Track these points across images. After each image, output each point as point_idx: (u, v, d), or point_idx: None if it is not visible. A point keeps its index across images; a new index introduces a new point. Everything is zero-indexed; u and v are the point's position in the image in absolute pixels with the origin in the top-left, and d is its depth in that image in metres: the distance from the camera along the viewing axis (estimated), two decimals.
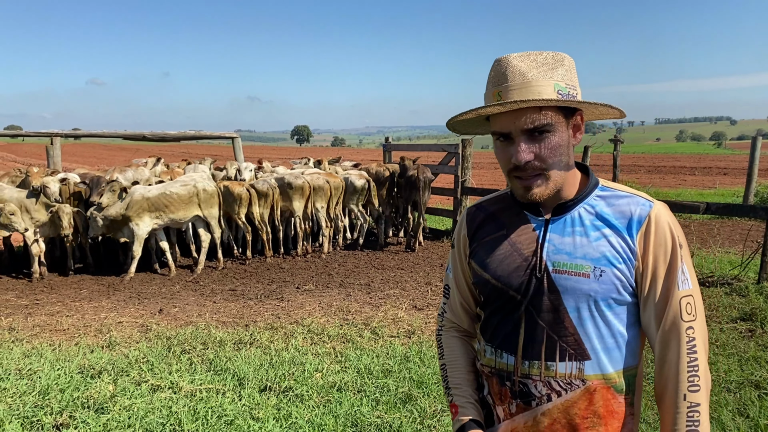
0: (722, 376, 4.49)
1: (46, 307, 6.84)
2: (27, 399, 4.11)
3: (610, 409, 1.45)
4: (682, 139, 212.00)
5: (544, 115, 1.40)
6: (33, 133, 12.57)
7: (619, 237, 1.44)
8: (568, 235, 1.47)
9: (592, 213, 1.48)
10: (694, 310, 1.42)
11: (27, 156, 41.59)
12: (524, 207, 1.54)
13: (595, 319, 1.44)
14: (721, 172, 29.65)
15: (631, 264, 1.43)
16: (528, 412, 1.48)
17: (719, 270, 7.71)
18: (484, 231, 1.60)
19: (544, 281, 1.46)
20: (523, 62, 1.41)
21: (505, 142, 1.44)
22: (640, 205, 1.47)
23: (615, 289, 1.43)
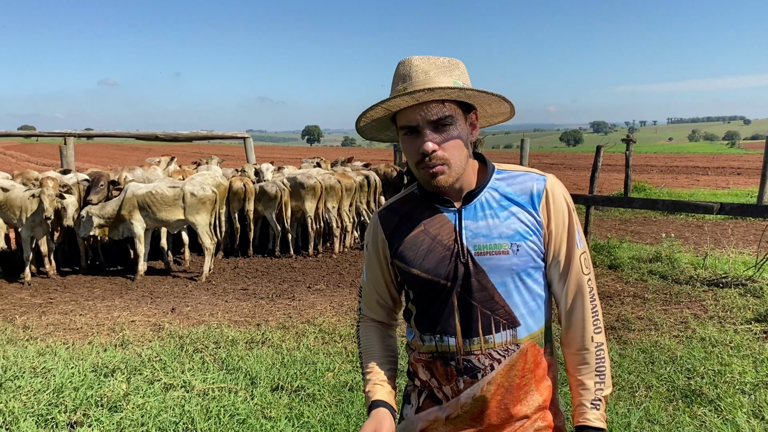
0: (737, 378, 4.46)
1: (59, 305, 6.89)
2: (41, 397, 4.14)
3: (537, 362, 1.64)
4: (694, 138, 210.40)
5: (448, 108, 1.55)
6: (47, 133, 12.68)
7: (525, 212, 1.62)
8: (481, 219, 1.63)
9: (496, 195, 1.65)
10: (589, 264, 1.68)
11: (41, 156, 41.92)
12: (435, 201, 1.67)
13: (519, 288, 1.61)
14: (734, 172, 29.39)
15: (539, 234, 1.63)
16: (475, 384, 1.61)
17: (733, 271, 7.64)
18: (401, 230, 1.71)
19: (470, 264, 1.60)
20: (424, 63, 1.57)
21: (412, 135, 1.57)
22: (536, 180, 1.66)
23: (531, 259, 1.61)
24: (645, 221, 12.65)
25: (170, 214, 8.21)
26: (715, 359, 4.84)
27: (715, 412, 3.97)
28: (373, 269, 1.80)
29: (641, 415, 3.91)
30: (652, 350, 5.09)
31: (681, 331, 5.63)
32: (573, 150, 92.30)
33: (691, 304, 6.53)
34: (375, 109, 1.59)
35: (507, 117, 1.76)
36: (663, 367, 4.73)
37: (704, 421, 3.83)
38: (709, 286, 7.14)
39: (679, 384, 4.41)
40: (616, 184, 19.97)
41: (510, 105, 1.66)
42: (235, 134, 14.05)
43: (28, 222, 7.82)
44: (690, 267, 8.08)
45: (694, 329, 5.62)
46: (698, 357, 4.89)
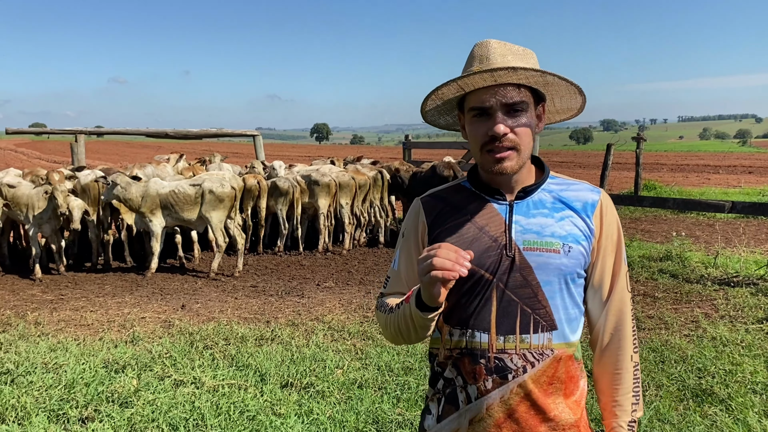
0: (748, 378, 4.43)
1: (70, 302, 6.93)
2: (53, 392, 4.17)
3: (570, 374, 1.58)
4: (705, 137, 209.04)
5: (523, 94, 1.53)
6: (58, 130, 12.76)
7: (579, 217, 1.60)
8: (533, 216, 1.59)
9: (551, 196, 1.62)
10: (629, 283, 1.68)
11: (51, 153, 42.20)
12: (486, 194, 1.63)
13: (563, 292, 1.57)
14: (746, 171, 29.18)
15: (589, 242, 1.60)
16: (504, 385, 1.54)
17: (745, 270, 7.59)
18: (445, 218, 1.65)
19: (516, 259, 1.55)
20: (502, 47, 1.55)
21: (482, 117, 1.53)
22: (590, 191, 1.65)
23: (579, 264, 1.58)
24: (655, 220, 12.59)
25: (193, 212, 8.17)
26: (726, 359, 4.81)
27: (726, 411, 3.95)
28: (407, 257, 1.71)
29: (651, 414, 3.89)
30: (663, 349, 5.07)
31: (692, 331, 5.60)
32: (583, 148, 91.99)
33: (702, 303, 6.50)
34: (449, 86, 1.55)
35: (573, 114, 1.73)
36: (673, 366, 4.71)
37: (715, 421, 3.81)
38: (720, 285, 7.10)
39: (689, 383, 4.38)
40: (626, 183, 19.87)
41: (582, 100, 1.65)
42: (245, 132, 14.09)
43: (35, 219, 7.87)
44: (701, 266, 8.03)
45: (704, 328, 5.59)
46: (709, 356, 4.86)
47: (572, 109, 1.70)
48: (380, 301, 1.74)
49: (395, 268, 1.75)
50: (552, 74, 1.51)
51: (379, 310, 1.72)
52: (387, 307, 1.68)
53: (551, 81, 1.54)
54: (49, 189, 7.70)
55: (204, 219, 8.21)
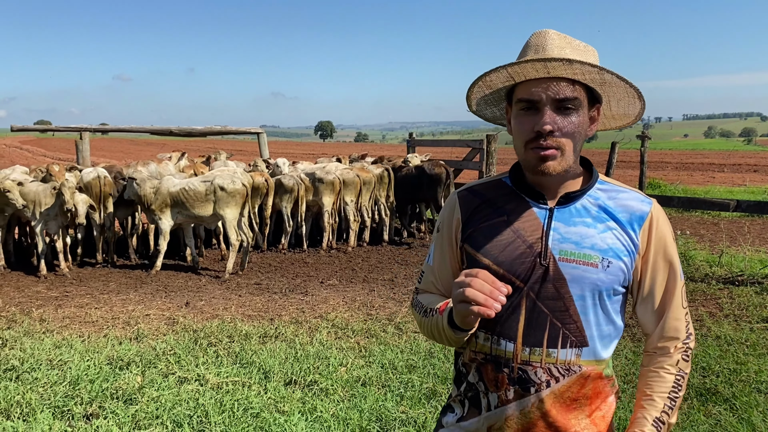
0: (752, 377, 4.42)
1: (75, 299, 6.96)
2: (58, 389, 4.19)
3: (597, 391, 1.51)
4: (710, 135, 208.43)
5: (576, 90, 1.43)
6: (62, 127, 12.79)
7: (623, 231, 1.49)
8: (574, 225, 1.49)
9: (595, 205, 1.52)
10: (686, 297, 1.57)
11: (56, 150, 42.31)
12: (526, 194, 1.54)
13: (596, 308, 1.48)
14: (751, 169, 29.10)
15: (632, 258, 1.49)
16: (526, 398, 1.48)
17: (749, 269, 7.58)
18: (481, 216, 1.57)
19: (550, 269, 1.47)
20: (561, 39, 1.46)
21: (530, 111, 1.44)
22: (640, 202, 1.52)
23: (618, 280, 1.48)
24: None
25: (204, 209, 8.15)
26: (731, 358, 4.81)
27: (730, 410, 3.94)
28: (441, 252, 1.64)
29: None
30: None
31: (696, 329, 5.59)
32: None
33: (707, 302, 6.49)
34: (498, 72, 1.46)
35: (630, 122, 1.62)
36: None
37: (719, 420, 3.81)
38: (724, 284, 7.08)
39: (694, 382, 4.38)
40: (630, 181, 19.80)
41: (641, 106, 1.54)
42: (249, 129, 14.10)
43: (41, 216, 7.88)
44: (705, 265, 8.01)
45: (709, 327, 5.58)
46: (713, 355, 4.86)
47: (629, 115, 1.59)
48: (415, 298, 1.69)
49: (429, 264, 1.68)
50: (611, 72, 1.42)
51: (415, 309, 1.67)
52: (422, 307, 1.62)
53: (609, 80, 1.45)
54: (57, 185, 7.71)
55: (218, 216, 8.21)
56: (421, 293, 1.69)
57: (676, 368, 1.52)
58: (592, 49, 1.49)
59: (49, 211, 7.85)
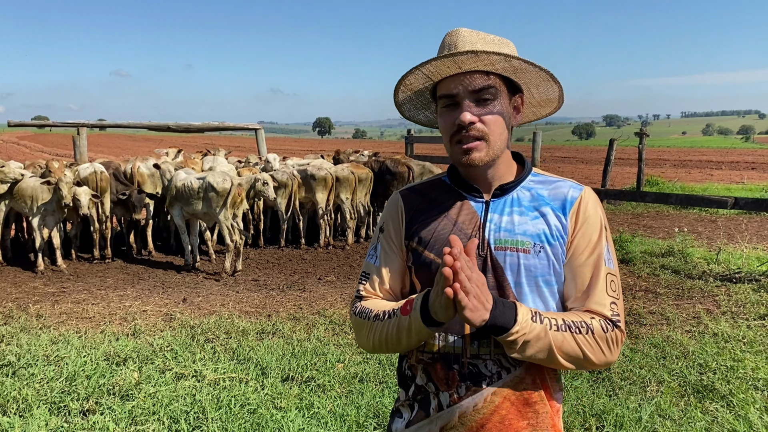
0: (749, 374, 4.42)
1: (72, 295, 6.94)
2: (54, 385, 4.18)
3: (546, 383, 1.51)
4: (708, 132, 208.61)
5: (492, 80, 1.46)
6: (60, 123, 12.75)
7: (554, 216, 1.51)
8: (508, 214, 1.52)
9: (529, 194, 1.55)
10: (618, 288, 1.50)
11: (54, 146, 42.23)
12: (464, 190, 1.58)
13: (534, 293, 1.48)
14: (749, 167, 29.11)
15: (563, 241, 1.50)
16: (478, 393, 1.47)
17: (747, 266, 7.58)
18: (423, 213, 1.60)
19: (488, 259, 1.49)
20: (472, 35, 1.48)
21: (451, 107, 1.48)
22: (571, 188, 1.55)
23: (551, 265, 1.49)
24: (658, 215, 12.57)
25: (198, 206, 8.06)
26: (728, 355, 4.81)
27: (727, 407, 3.94)
28: (387, 252, 1.63)
29: (653, 409, 3.89)
30: (664, 345, 5.07)
31: (693, 326, 5.60)
32: (585, 143, 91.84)
33: (704, 299, 6.49)
34: (414, 74, 1.49)
35: (554, 108, 1.65)
36: (675, 362, 4.70)
37: (716, 417, 3.81)
38: (722, 282, 7.09)
39: (691, 379, 4.38)
40: (628, 178, 19.84)
41: (558, 89, 1.56)
42: (247, 125, 14.07)
43: (39, 211, 7.86)
44: (703, 262, 8.02)
45: (706, 324, 5.59)
46: (710, 352, 4.86)
47: (552, 99, 1.62)
48: (359, 306, 1.61)
49: (375, 264, 1.63)
50: (518, 58, 1.44)
51: (359, 316, 1.58)
52: (370, 312, 1.56)
53: (519, 66, 1.47)
54: (54, 180, 7.69)
55: (210, 215, 8.15)
56: (364, 300, 1.62)
57: (589, 319, 1.44)
58: (508, 42, 1.52)
59: (47, 206, 7.83)
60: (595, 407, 3.91)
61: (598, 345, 1.43)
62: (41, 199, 7.81)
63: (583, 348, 1.42)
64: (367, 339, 1.57)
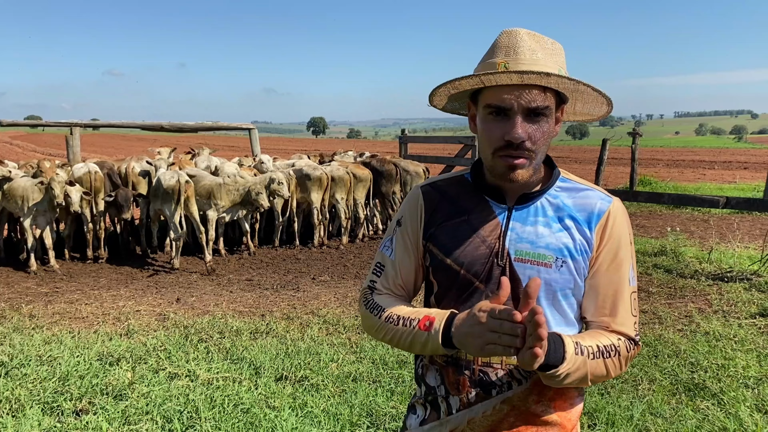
0: (740, 372, 4.46)
1: (65, 295, 6.93)
2: (47, 385, 4.17)
3: (562, 392, 1.48)
4: (701, 132, 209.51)
5: (548, 98, 1.40)
6: (53, 123, 12.70)
7: (579, 229, 1.47)
8: (531, 224, 1.48)
9: (554, 204, 1.49)
10: (637, 305, 1.50)
11: (47, 146, 42.05)
12: (486, 193, 1.53)
13: (552, 308, 1.46)
14: (741, 167, 29.26)
15: (587, 256, 1.47)
16: (488, 401, 1.47)
17: (739, 265, 7.63)
18: (442, 213, 1.55)
19: (506, 269, 1.46)
20: (532, 40, 1.41)
21: (499, 117, 1.40)
22: (600, 199, 1.50)
23: (573, 280, 1.46)
24: (650, 215, 12.62)
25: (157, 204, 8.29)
26: (719, 353, 4.84)
27: (718, 405, 3.97)
28: (404, 248, 1.59)
29: (644, 408, 3.91)
30: (656, 344, 5.10)
31: (685, 325, 5.63)
32: (579, 143, 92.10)
33: (696, 298, 6.53)
34: (469, 79, 1.41)
35: (592, 119, 1.61)
36: (666, 361, 4.73)
37: (707, 415, 3.84)
38: (714, 281, 7.13)
39: (682, 377, 4.41)
40: (621, 178, 19.91)
41: (608, 111, 1.53)
42: (240, 125, 14.05)
43: (30, 211, 7.82)
44: (695, 261, 8.06)
45: (698, 323, 5.62)
46: (702, 351, 4.89)
47: (593, 114, 1.58)
48: (371, 299, 1.59)
49: (391, 258, 1.60)
50: (586, 84, 1.41)
51: (370, 310, 1.57)
52: (382, 311, 1.55)
53: (582, 89, 1.44)
54: (46, 180, 7.66)
55: (163, 211, 8.31)
56: (376, 293, 1.60)
57: (617, 341, 1.44)
58: (560, 47, 1.46)
59: (38, 206, 7.80)
60: (587, 406, 3.93)
61: (621, 364, 1.45)
62: (33, 199, 7.78)
63: (609, 370, 1.43)
64: (376, 332, 1.57)
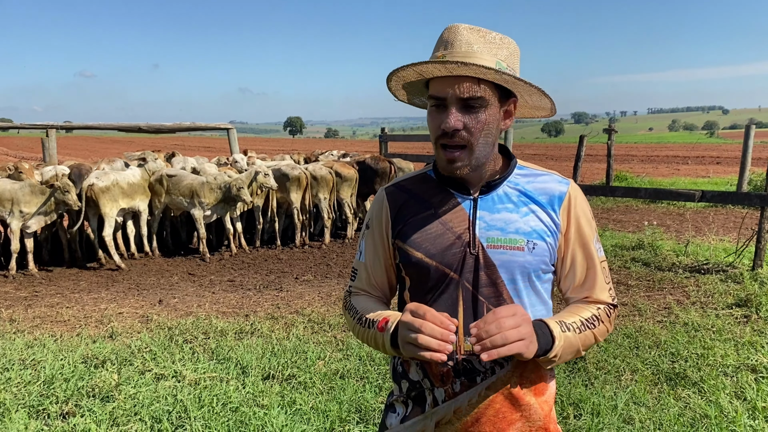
0: (719, 361, 4.56)
1: (45, 298, 6.84)
2: (32, 388, 4.14)
3: (539, 373, 1.55)
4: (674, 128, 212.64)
5: (481, 89, 1.44)
6: (28, 125, 12.53)
7: (544, 212, 1.54)
8: (498, 211, 1.53)
9: (516, 190, 1.56)
10: (609, 273, 1.62)
11: (19, 149, 41.32)
12: (450, 186, 1.57)
13: (528, 289, 1.53)
14: (713, 161, 29.78)
15: (555, 237, 1.55)
16: (473, 389, 1.51)
17: (714, 257, 7.78)
18: (409, 211, 1.60)
19: (480, 257, 1.51)
20: (472, 34, 1.45)
21: (439, 108, 1.47)
22: (557, 182, 1.58)
23: (544, 260, 1.53)
24: (627, 210, 12.81)
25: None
26: (698, 343, 4.95)
27: (698, 393, 4.06)
28: (373, 249, 1.66)
29: (627, 397, 3.99)
30: (637, 335, 5.19)
31: (664, 317, 5.74)
32: (554, 141, 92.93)
33: (674, 291, 6.65)
34: (406, 70, 1.48)
35: (548, 114, 1.65)
36: (647, 352, 4.82)
37: (688, 403, 3.93)
38: (691, 273, 7.27)
39: (663, 367, 4.50)
40: (597, 174, 20.15)
41: (550, 101, 1.56)
42: (218, 125, 13.97)
43: (21, 214, 7.70)
44: (672, 254, 8.21)
45: (677, 314, 5.73)
46: (681, 341, 4.99)
47: (545, 108, 1.62)
48: (349, 301, 1.69)
49: (362, 261, 1.69)
50: (509, 75, 1.42)
51: (348, 312, 1.67)
52: (356, 312, 1.63)
53: (510, 80, 1.45)
54: (65, 185, 7.57)
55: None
56: (354, 295, 1.70)
57: (596, 310, 1.56)
58: (510, 41, 1.49)
59: (30, 209, 7.68)
60: (572, 396, 4.00)
61: (606, 328, 1.57)
62: (23, 203, 7.68)
63: (597, 336, 1.55)
64: (354, 333, 1.66)
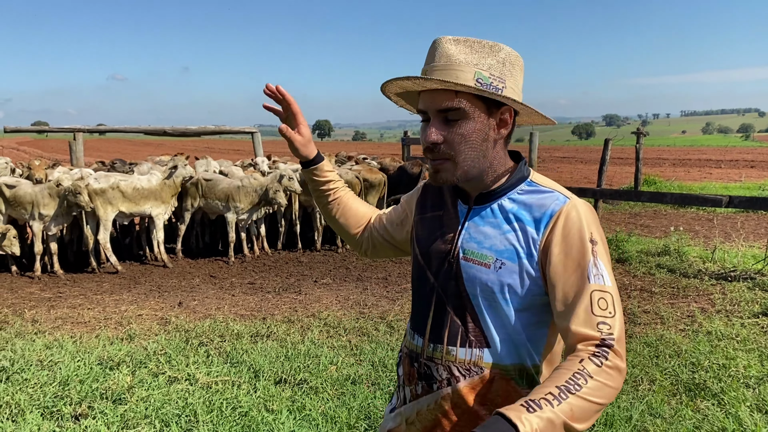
0: (741, 372, 4.43)
1: (68, 299, 6.95)
2: (47, 389, 4.19)
3: (510, 400, 1.36)
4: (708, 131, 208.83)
5: (458, 101, 1.40)
6: (56, 128, 12.78)
7: (527, 230, 1.42)
8: (483, 224, 1.48)
9: (515, 204, 1.46)
10: (610, 306, 1.31)
11: (53, 151, 42.24)
12: (458, 193, 1.57)
13: (492, 309, 1.43)
14: (747, 165, 29.09)
15: (534, 257, 1.40)
16: (431, 395, 1.50)
17: (742, 264, 7.59)
18: (427, 206, 1.65)
19: (454, 267, 1.49)
20: (453, 46, 1.40)
21: (426, 122, 1.47)
22: (554, 200, 1.43)
23: (512, 283, 1.40)
24: (655, 215, 12.58)
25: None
26: (721, 353, 4.81)
27: (718, 405, 3.95)
28: (398, 214, 1.77)
29: (643, 408, 3.89)
30: (657, 344, 5.07)
31: (687, 325, 5.60)
32: (585, 143, 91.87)
33: (699, 298, 6.50)
34: (390, 84, 1.51)
35: (546, 122, 1.56)
36: (668, 361, 4.71)
37: (706, 415, 3.82)
38: (717, 280, 7.09)
39: (683, 378, 4.39)
40: (626, 177, 19.83)
41: (542, 116, 1.51)
42: (243, 129, 14.09)
43: (41, 217, 7.84)
44: (698, 260, 8.03)
45: (700, 323, 5.59)
46: (703, 351, 4.86)
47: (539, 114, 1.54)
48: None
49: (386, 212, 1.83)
50: (476, 89, 1.37)
51: None
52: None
53: (481, 90, 1.38)
54: (76, 187, 7.63)
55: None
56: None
57: (578, 365, 1.25)
58: (499, 49, 1.42)
59: (52, 211, 7.81)
60: None
61: (603, 384, 1.23)
62: (43, 205, 7.80)
63: (594, 398, 1.22)
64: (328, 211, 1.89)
